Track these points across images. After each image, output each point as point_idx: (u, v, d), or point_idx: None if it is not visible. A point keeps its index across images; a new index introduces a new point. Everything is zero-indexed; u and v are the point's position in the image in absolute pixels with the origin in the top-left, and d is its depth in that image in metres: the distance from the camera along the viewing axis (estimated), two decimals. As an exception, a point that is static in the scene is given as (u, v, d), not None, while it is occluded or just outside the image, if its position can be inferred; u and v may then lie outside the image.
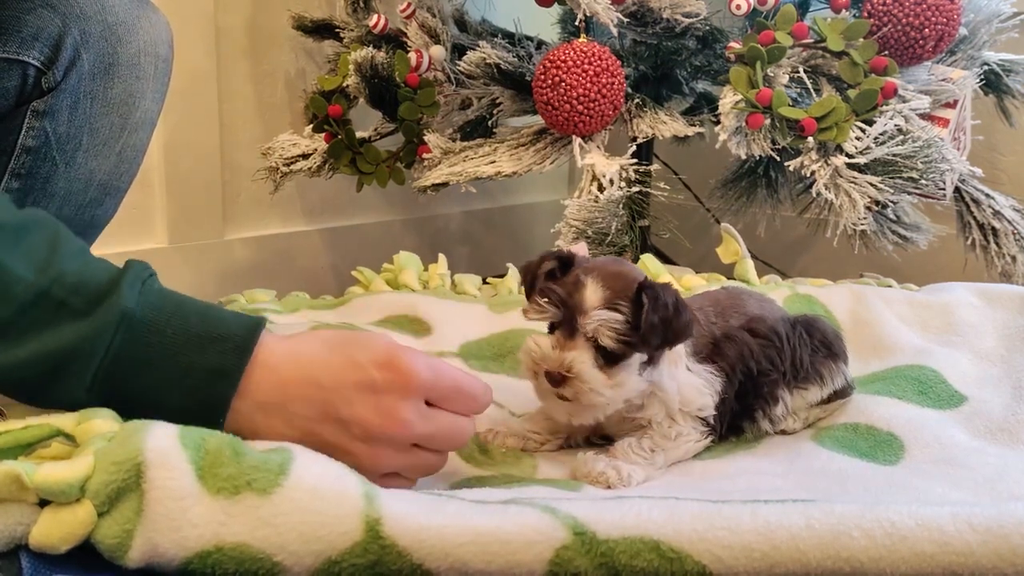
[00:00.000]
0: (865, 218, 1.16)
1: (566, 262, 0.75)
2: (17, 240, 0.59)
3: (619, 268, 0.74)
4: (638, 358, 0.72)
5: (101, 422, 0.58)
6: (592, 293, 0.71)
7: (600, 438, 0.82)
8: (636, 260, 1.20)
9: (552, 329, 0.74)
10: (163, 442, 0.54)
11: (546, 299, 0.72)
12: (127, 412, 0.59)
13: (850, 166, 1.14)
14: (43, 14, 0.80)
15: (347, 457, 0.60)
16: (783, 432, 0.84)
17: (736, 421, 0.81)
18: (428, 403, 0.64)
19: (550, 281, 0.74)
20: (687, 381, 0.77)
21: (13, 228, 0.60)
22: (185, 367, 0.59)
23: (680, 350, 0.77)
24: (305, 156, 1.50)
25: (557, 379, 0.71)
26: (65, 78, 0.82)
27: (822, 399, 0.85)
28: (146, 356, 0.59)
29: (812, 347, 0.83)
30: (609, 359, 0.71)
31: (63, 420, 0.58)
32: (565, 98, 1.21)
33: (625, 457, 0.75)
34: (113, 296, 0.59)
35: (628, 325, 0.70)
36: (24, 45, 0.82)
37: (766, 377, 0.80)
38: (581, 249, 1.15)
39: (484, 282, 1.23)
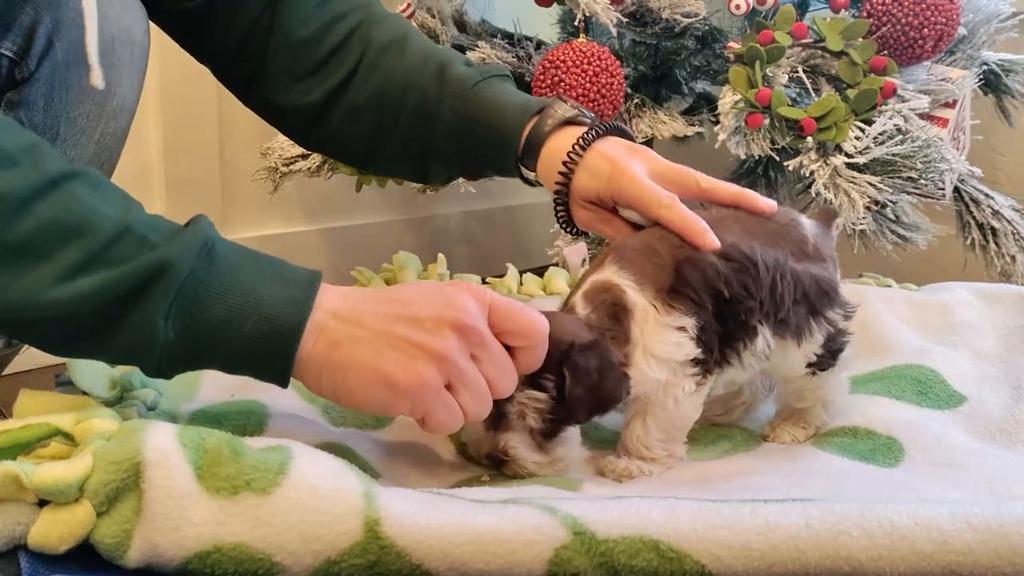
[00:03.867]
0: (864, 218, 1.16)
1: None
2: (96, 186, 0.62)
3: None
4: (576, 429, 0.72)
5: (100, 421, 0.58)
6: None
7: None
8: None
9: None
10: (162, 441, 0.54)
11: None
12: (199, 348, 0.61)
13: (849, 166, 1.14)
14: (14, 3, 0.79)
15: (419, 351, 0.62)
16: (780, 438, 0.82)
17: (723, 347, 0.75)
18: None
19: None
20: (660, 340, 0.72)
21: (91, 177, 0.62)
22: (260, 298, 0.61)
23: (642, 304, 0.72)
24: (304, 156, 1.50)
25: (497, 461, 0.71)
26: (39, 68, 0.81)
27: (807, 360, 0.78)
28: (223, 285, 0.61)
29: (794, 298, 0.76)
30: (546, 433, 0.70)
31: (62, 419, 0.58)
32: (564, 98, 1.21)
33: (639, 453, 0.75)
34: (195, 226, 0.62)
35: (554, 402, 0.68)
36: None
37: (740, 304, 0.74)
38: (580, 250, 1.15)
39: (483, 282, 1.23)
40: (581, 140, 0.83)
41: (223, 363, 0.63)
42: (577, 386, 0.68)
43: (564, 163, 0.84)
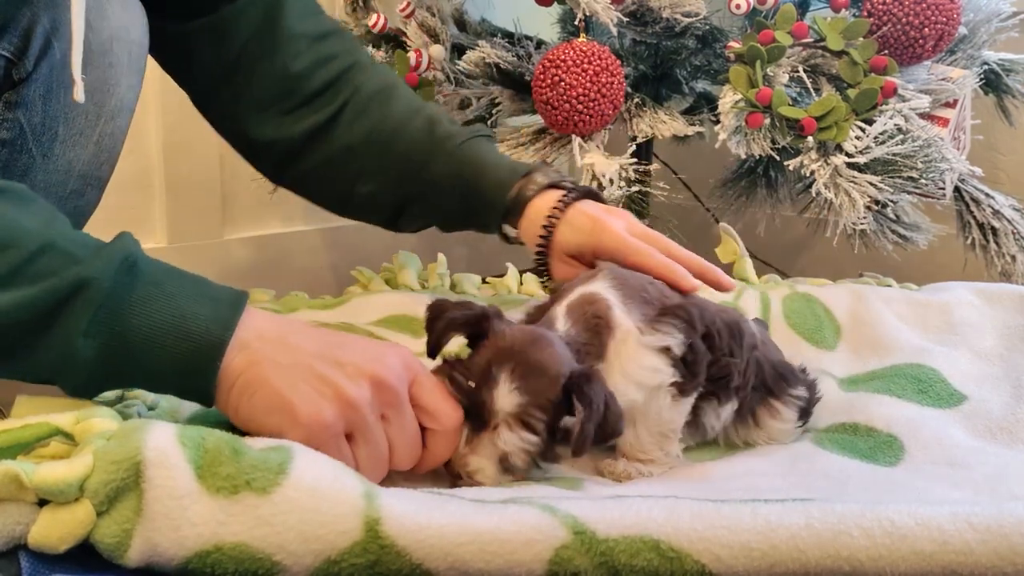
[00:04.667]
0: (865, 217, 1.16)
1: (477, 333, 0.68)
2: (23, 202, 0.63)
3: (540, 356, 0.65)
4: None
5: (100, 421, 0.58)
6: (505, 396, 0.64)
7: None
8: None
9: None
10: (162, 441, 0.54)
11: (451, 387, 0.66)
12: (121, 366, 0.60)
13: (850, 165, 1.14)
14: (12, 3, 0.79)
15: (330, 391, 0.61)
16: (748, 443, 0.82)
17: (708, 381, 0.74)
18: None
19: (458, 361, 0.67)
20: (637, 364, 0.70)
21: (18, 193, 0.63)
22: (183, 315, 0.61)
23: (627, 326, 0.71)
24: (304, 156, 1.50)
25: (455, 475, 0.67)
26: (36, 68, 0.81)
27: (795, 427, 0.81)
28: (145, 301, 0.61)
29: (753, 385, 0.78)
30: (523, 469, 0.67)
31: (62, 419, 0.58)
32: (564, 97, 1.21)
33: (635, 457, 0.74)
34: (117, 243, 0.62)
35: (543, 445, 0.65)
36: None
37: (724, 357, 0.74)
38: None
39: (483, 281, 1.24)
40: (563, 197, 0.91)
41: (145, 381, 0.63)
42: (590, 422, 0.63)
43: (548, 217, 0.90)
